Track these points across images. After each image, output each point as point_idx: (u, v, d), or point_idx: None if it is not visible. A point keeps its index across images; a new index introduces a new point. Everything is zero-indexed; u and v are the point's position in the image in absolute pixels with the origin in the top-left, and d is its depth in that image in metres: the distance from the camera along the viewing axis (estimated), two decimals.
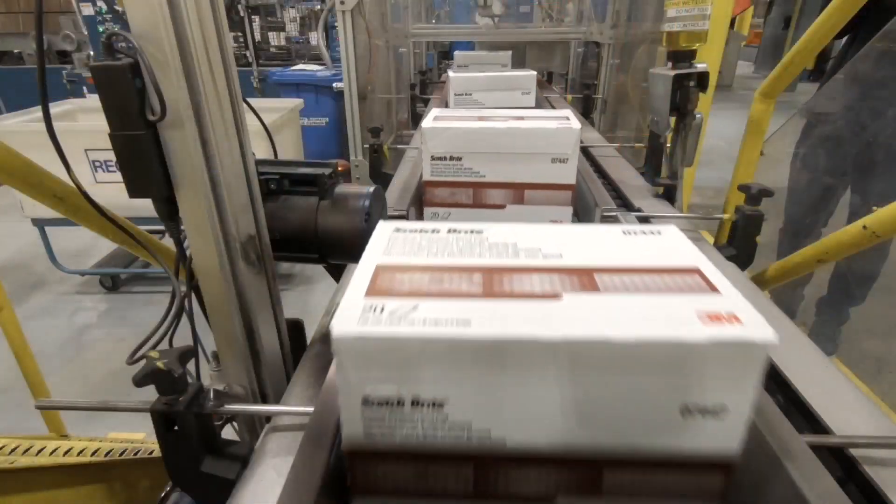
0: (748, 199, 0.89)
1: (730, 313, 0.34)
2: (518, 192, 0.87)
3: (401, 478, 0.39)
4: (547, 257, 0.42)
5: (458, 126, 0.83)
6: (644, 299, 0.36)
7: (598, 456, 0.37)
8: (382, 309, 0.35)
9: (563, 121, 0.84)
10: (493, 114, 0.90)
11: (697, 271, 0.40)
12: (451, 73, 1.58)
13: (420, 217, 0.94)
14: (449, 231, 0.47)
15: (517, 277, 0.39)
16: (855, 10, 1.14)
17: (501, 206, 0.89)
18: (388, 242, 0.45)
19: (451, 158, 0.85)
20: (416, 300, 0.36)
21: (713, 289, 0.37)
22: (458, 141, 0.83)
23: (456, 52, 2.30)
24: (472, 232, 0.47)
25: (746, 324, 0.33)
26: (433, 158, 0.85)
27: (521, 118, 0.86)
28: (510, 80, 1.55)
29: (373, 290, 0.37)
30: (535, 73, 1.54)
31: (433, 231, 0.47)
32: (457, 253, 0.43)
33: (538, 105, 1.66)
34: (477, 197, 0.88)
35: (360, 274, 0.39)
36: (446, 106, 1.67)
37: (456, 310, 0.35)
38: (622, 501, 0.38)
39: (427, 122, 0.85)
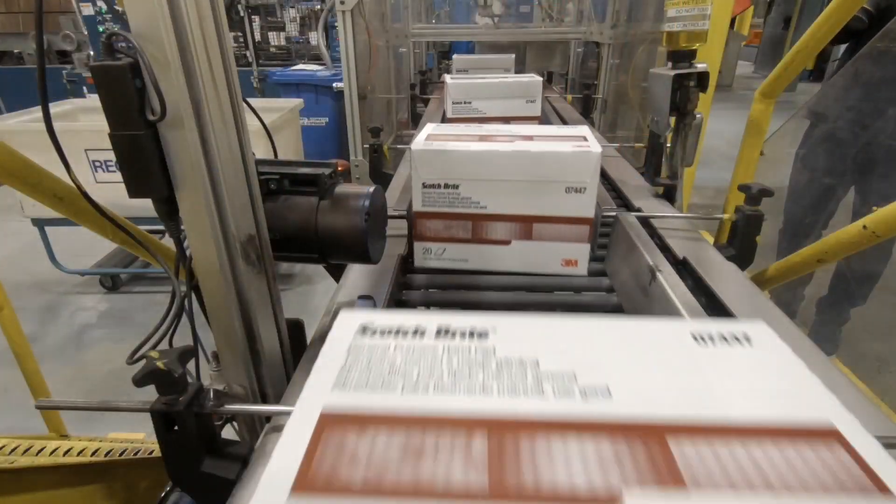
0: (748, 199, 0.89)
1: None
2: (525, 226, 0.76)
3: None
4: (588, 396, 0.27)
5: (454, 149, 0.72)
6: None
7: None
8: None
9: (580, 141, 0.73)
10: (496, 131, 0.80)
11: (836, 435, 0.25)
12: (448, 80, 1.44)
13: (411, 245, 0.82)
14: (438, 333, 0.32)
15: (543, 447, 0.24)
16: (855, 10, 1.14)
17: (506, 242, 0.78)
18: (345, 359, 0.30)
19: (447, 186, 0.74)
20: None
21: (873, 479, 0.23)
22: (454, 166, 0.73)
23: (455, 56, 2.16)
24: (472, 336, 0.32)
25: None
26: (425, 186, 0.74)
27: (530, 137, 0.75)
28: (514, 87, 1.43)
29: (304, 482, 0.22)
30: (540, 79, 1.42)
31: (415, 333, 0.33)
32: (449, 384, 0.28)
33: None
34: (476, 231, 0.77)
35: (294, 431, 0.25)
36: (443, 116, 1.55)
37: None
38: None
39: (417, 143, 0.73)
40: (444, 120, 1.44)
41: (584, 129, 0.80)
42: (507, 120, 1.39)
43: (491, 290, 0.78)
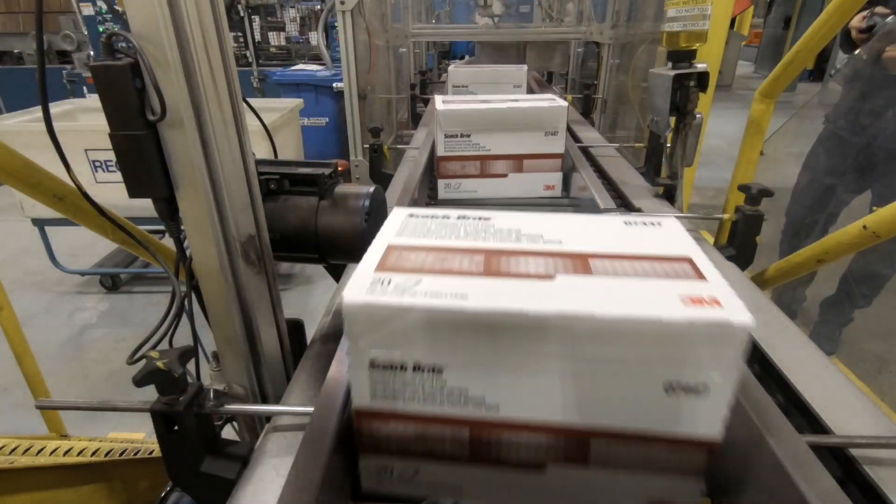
0: (748, 199, 0.89)
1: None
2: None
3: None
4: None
5: (422, 305, 0.36)
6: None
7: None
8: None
9: (698, 287, 0.37)
10: (516, 239, 0.45)
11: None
12: (439, 105, 1.08)
13: None
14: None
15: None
16: (855, 10, 1.14)
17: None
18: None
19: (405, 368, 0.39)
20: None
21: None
22: (413, 329, 0.37)
23: (451, 68, 1.74)
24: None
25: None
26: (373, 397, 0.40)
27: (586, 263, 0.41)
28: (529, 115, 1.06)
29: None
30: (566, 104, 1.07)
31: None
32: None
33: None
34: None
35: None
36: (432, 153, 1.16)
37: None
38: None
39: (356, 290, 0.37)
40: (435, 157, 1.12)
41: (689, 245, 0.44)
42: (518, 158, 1.10)
43: None
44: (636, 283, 0.37)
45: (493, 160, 1.10)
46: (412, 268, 0.39)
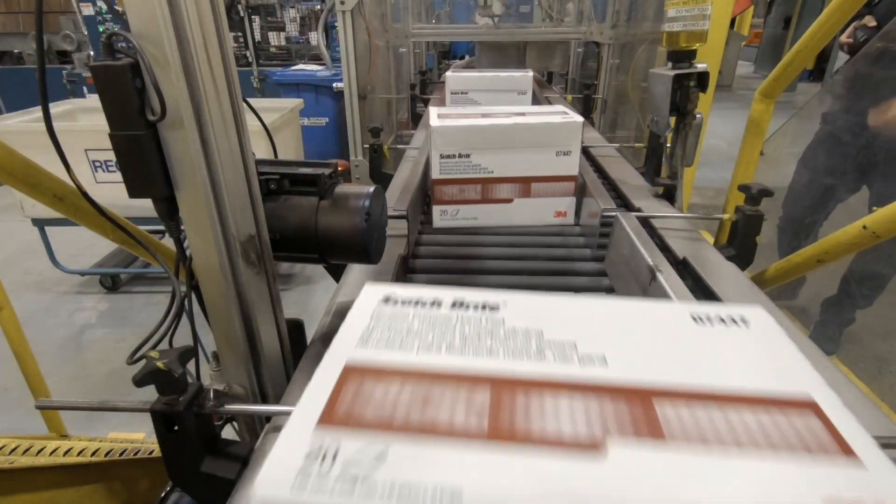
0: (748, 199, 0.89)
1: None
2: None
3: None
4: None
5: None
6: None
7: None
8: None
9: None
10: (536, 333, 0.34)
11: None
12: (434, 120, 0.95)
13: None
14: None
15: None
16: (855, 10, 1.14)
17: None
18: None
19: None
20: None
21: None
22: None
23: (448, 74, 1.59)
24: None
25: None
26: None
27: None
28: (538, 132, 0.93)
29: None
30: (581, 119, 0.96)
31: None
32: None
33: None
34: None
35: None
36: (424, 174, 1.07)
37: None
38: None
39: (273, 476, 0.24)
40: (429, 179, 1.01)
41: (802, 368, 0.34)
42: (526, 182, 0.97)
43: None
44: (741, 465, 0.23)
45: (497, 183, 0.97)
46: (375, 419, 0.26)
